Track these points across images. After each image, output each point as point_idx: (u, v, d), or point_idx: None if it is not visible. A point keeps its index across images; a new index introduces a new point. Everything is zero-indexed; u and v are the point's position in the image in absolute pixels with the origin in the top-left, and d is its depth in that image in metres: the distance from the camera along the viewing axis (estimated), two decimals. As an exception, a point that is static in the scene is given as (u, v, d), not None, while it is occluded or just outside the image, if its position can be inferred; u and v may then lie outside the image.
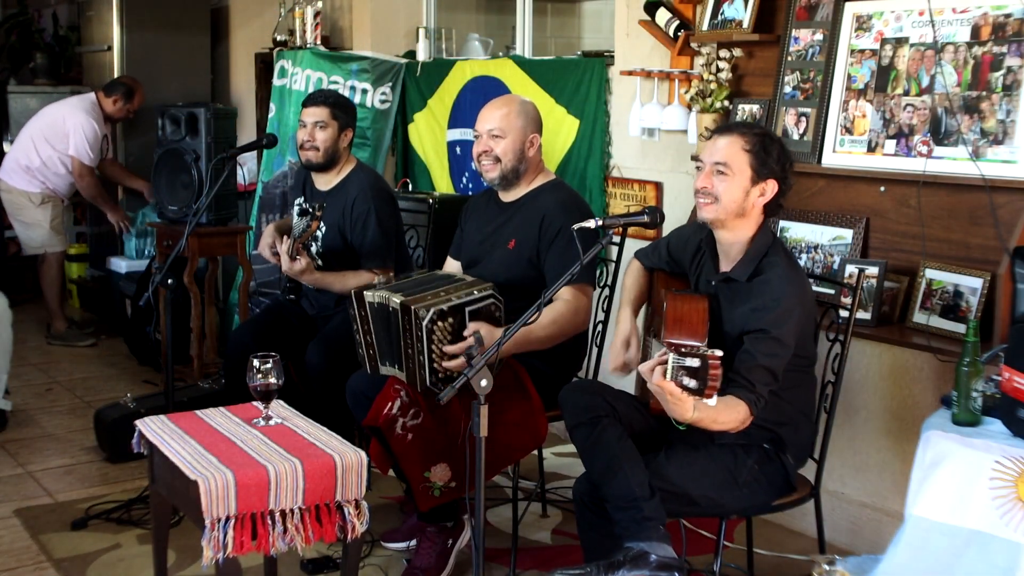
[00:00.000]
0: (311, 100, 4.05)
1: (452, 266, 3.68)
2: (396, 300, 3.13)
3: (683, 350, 2.37)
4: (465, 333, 3.09)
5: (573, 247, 3.24)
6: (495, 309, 3.16)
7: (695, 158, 2.82)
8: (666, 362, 2.38)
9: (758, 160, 2.74)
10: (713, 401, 2.39)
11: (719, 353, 2.33)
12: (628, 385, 3.10)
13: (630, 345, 2.99)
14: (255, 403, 2.88)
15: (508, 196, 3.52)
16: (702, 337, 2.61)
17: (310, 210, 3.81)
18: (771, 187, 2.76)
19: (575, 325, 3.32)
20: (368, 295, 3.26)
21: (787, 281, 2.72)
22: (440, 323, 3.07)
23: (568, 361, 3.49)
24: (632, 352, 3.00)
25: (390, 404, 3.20)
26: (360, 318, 3.32)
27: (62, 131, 6.06)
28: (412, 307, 3.07)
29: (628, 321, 3.02)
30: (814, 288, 3.52)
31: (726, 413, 2.58)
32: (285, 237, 3.78)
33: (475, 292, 3.15)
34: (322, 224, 3.99)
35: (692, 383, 2.34)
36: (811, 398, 2.94)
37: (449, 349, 3.09)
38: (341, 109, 4.02)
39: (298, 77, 5.62)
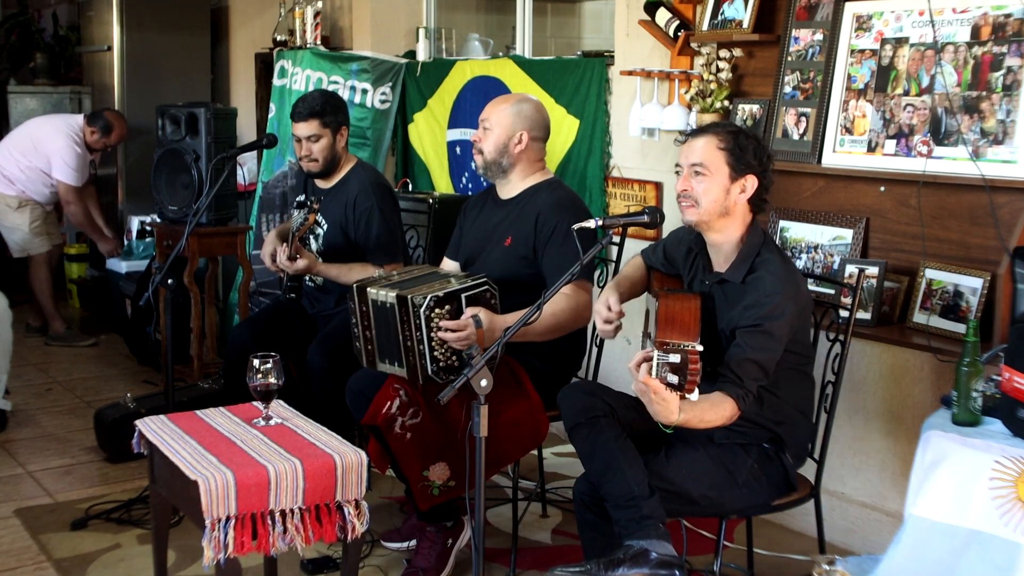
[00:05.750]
0: (297, 114, 3.99)
1: (449, 267, 3.67)
2: (391, 295, 3.16)
3: (667, 346, 2.38)
4: (463, 318, 3.11)
5: (568, 244, 3.26)
6: (491, 296, 3.22)
7: (677, 165, 2.83)
8: (651, 359, 2.39)
9: (734, 157, 2.74)
10: (695, 396, 2.39)
11: (699, 348, 2.36)
12: (629, 386, 3.10)
13: (611, 306, 2.98)
14: (255, 403, 2.88)
15: (505, 193, 3.53)
16: (694, 336, 2.58)
17: (307, 203, 3.82)
18: (751, 183, 2.76)
19: (575, 320, 3.34)
20: (372, 291, 3.27)
21: (780, 278, 2.71)
22: (438, 309, 3.10)
23: (567, 360, 3.49)
24: (615, 309, 2.98)
25: (389, 403, 3.20)
26: (361, 313, 3.32)
27: (43, 152, 6.02)
28: (408, 296, 3.11)
29: (608, 290, 3.02)
30: (814, 288, 3.54)
31: (712, 411, 2.58)
32: (286, 245, 3.80)
33: (469, 281, 3.22)
34: (324, 221, 4.00)
35: (674, 379, 2.36)
36: (809, 397, 2.94)
37: (447, 324, 3.10)
38: (330, 114, 3.98)
39: (298, 77, 5.62)
